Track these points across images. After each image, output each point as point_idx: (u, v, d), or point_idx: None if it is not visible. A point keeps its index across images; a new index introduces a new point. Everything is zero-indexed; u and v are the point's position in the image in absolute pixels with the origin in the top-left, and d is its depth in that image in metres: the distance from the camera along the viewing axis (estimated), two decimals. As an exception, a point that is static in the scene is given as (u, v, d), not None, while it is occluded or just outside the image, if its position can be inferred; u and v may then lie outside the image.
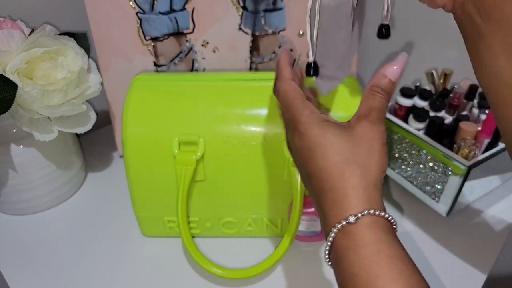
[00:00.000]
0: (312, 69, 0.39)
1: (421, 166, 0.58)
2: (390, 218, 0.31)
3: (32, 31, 0.53)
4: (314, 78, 0.40)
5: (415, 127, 0.58)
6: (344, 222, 0.30)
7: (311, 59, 0.38)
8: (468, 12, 0.32)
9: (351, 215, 0.30)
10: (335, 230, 0.30)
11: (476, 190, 0.60)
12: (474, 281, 0.49)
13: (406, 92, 0.60)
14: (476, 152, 0.53)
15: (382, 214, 0.30)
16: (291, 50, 0.64)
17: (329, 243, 0.31)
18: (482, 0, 0.31)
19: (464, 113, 0.61)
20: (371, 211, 0.30)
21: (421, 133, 0.57)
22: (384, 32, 0.39)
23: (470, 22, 0.33)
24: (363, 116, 0.34)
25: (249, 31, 0.63)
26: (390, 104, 0.58)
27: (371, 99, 0.34)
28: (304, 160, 0.34)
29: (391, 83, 0.34)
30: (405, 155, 0.60)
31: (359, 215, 0.30)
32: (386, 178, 0.65)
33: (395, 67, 0.34)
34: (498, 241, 0.54)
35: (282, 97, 0.37)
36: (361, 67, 0.72)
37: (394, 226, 0.31)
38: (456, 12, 0.34)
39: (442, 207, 0.57)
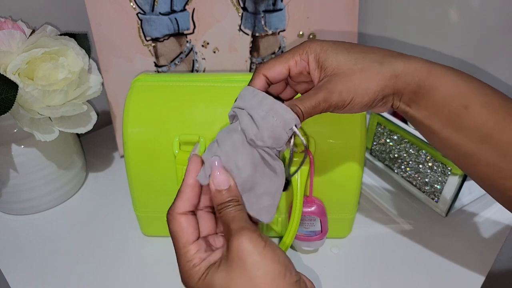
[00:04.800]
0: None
1: (420, 166, 0.58)
2: None
3: (33, 31, 0.53)
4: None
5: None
6: None
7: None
8: (399, 108, 0.36)
9: None
10: None
11: (475, 190, 0.60)
12: (473, 281, 0.50)
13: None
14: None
15: None
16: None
17: None
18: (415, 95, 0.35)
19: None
20: None
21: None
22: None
23: (404, 113, 0.37)
24: (226, 239, 0.31)
25: (249, 32, 0.63)
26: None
27: (221, 220, 0.32)
28: None
29: (227, 192, 0.32)
30: (405, 155, 0.60)
31: None
32: (385, 178, 0.65)
33: (217, 177, 0.32)
34: (497, 241, 0.55)
35: (170, 232, 0.34)
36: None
37: None
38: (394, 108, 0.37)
39: (441, 207, 0.57)
